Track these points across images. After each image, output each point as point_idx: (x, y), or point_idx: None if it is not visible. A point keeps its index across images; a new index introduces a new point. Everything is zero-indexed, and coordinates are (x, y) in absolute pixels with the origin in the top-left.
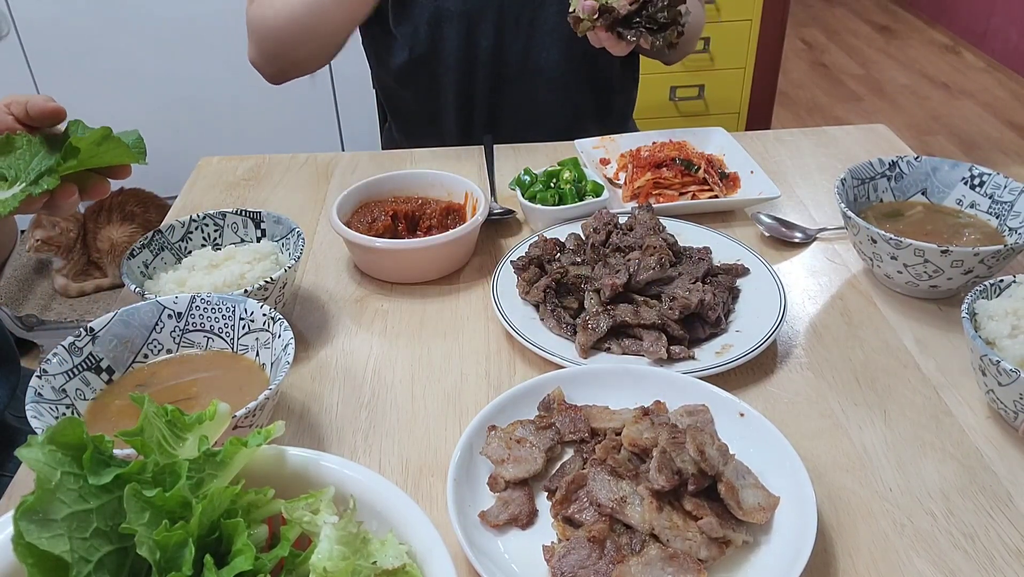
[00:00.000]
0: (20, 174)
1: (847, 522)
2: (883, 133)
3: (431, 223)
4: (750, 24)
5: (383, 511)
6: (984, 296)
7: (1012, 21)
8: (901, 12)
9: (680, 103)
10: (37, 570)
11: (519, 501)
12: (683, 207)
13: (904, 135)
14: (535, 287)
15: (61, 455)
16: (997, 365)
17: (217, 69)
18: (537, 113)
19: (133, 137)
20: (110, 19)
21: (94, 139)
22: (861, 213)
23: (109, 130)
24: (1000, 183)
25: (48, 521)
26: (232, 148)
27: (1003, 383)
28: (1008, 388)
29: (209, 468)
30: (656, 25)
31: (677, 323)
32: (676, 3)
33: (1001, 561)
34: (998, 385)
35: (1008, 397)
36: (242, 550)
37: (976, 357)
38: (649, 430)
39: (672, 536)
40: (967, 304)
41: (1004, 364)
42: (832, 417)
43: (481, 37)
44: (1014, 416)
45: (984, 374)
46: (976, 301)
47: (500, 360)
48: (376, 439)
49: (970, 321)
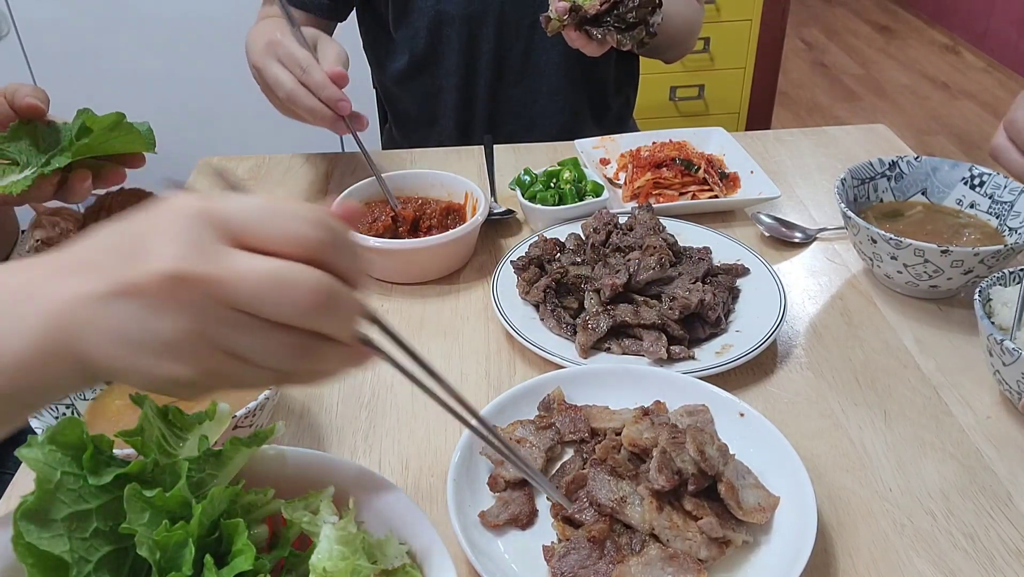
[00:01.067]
0: (32, 159)
1: (847, 522)
2: (883, 133)
3: (431, 223)
4: (750, 24)
5: (383, 511)
6: (1001, 283)
7: (1012, 21)
8: (901, 12)
9: (680, 103)
10: (37, 570)
11: (519, 501)
12: (683, 207)
13: (904, 135)
14: (535, 287)
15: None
16: (1001, 344)
17: (217, 69)
18: (536, 115)
19: (143, 128)
20: (110, 19)
21: (107, 123)
22: (861, 213)
23: (122, 115)
24: (1000, 183)
25: (48, 521)
26: (232, 148)
27: (1007, 363)
28: (1011, 368)
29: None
30: (625, 24)
31: (677, 323)
32: (646, 4)
33: (1001, 561)
34: (1003, 365)
35: (1011, 377)
36: (242, 550)
37: (984, 338)
38: (649, 430)
39: (672, 536)
40: (981, 288)
41: (1007, 344)
42: (832, 417)
43: (482, 40)
44: (1018, 397)
45: (991, 355)
46: (992, 287)
47: (500, 360)
48: (376, 439)
49: (982, 305)
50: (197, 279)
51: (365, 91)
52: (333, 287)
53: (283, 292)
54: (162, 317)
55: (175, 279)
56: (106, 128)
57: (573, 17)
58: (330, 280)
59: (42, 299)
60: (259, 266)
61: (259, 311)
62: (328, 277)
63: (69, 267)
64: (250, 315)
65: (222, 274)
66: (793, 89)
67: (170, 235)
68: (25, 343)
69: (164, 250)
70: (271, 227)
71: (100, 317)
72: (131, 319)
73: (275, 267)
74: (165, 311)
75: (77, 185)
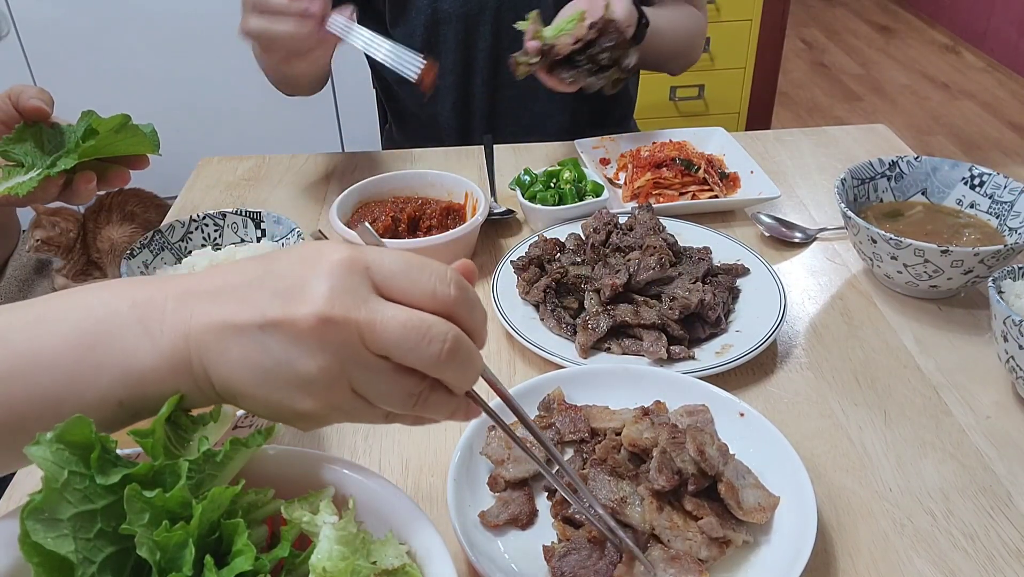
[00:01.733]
0: (37, 160)
1: (847, 522)
2: (883, 133)
3: (431, 223)
4: (750, 24)
5: (383, 511)
6: (1011, 276)
7: (1012, 21)
8: (901, 12)
9: (680, 103)
10: (43, 569)
11: (519, 501)
12: (683, 207)
13: (904, 135)
14: (535, 287)
15: (69, 454)
16: (1019, 326)
17: (217, 69)
18: (536, 115)
19: (148, 129)
20: (110, 19)
21: (113, 125)
22: (861, 213)
23: (128, 118)
24: (1000, 183)
25: (54, 521)
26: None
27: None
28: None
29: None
30: (597, 66)
31: (677, 323)
32: (620, 47)
33: (1001, 561)
34: (1019, 349)
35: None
36: (242, 550)
37: (999, 322)
38: (649, 430)
39: (672, 536)
40: (994, 278)
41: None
42: (832, 417)
43: (478, 39)
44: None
45: (1006, 340)
46: (1003, 280)
47: (500, 360)
48: (376, 439)
49: (996, 292)
50: (347, 322)
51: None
52: (464, 341)
53: (422, 341)
54: (308, 353)
55: (327, 320)
56: (112, 130)
57: (543, 60)
58: (462, 334)
59: (177, 320)
60: (402, 315)
61: (398, 357)
62: (459, 331)
63: (207, 293)
64: (386, 359)
65: (370, 319)
66: (793, 89)
67: (325, 279)
68: (155, 359)
69: (319, 291)
70: (413, 281)
71: (244, 345)
72: (277, 351)
73: (418, 317)
74: (312, 348)
75: (82, 187)
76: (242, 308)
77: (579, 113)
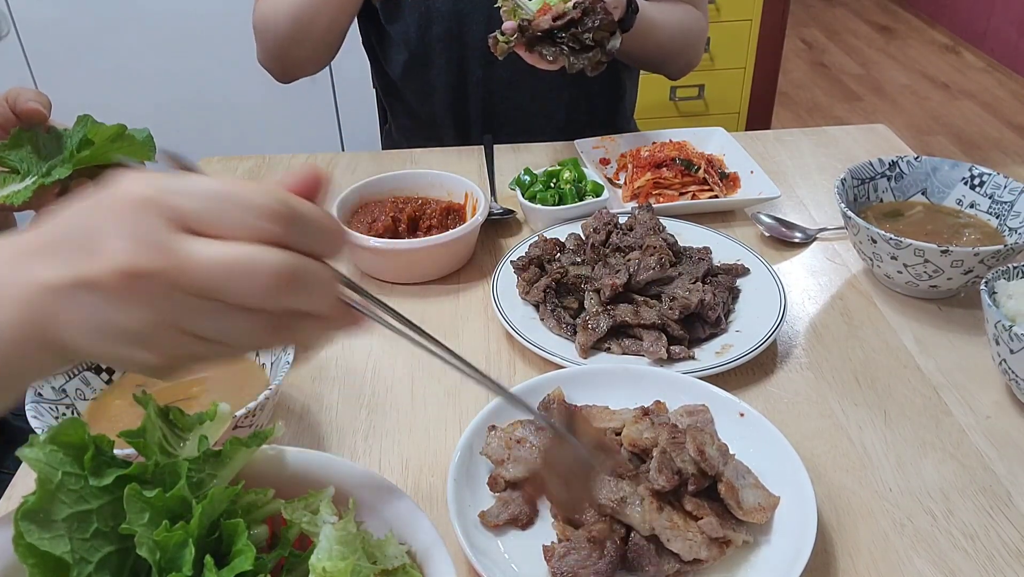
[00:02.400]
0: (32, 167)
1: (847, 522)
2: (883, 133)
3: (431, 223)
4: (750, 24)
5: (383, 511)
6: (1005, 276)
7: (1012, 21)
8: (901, 12)
9: (680, 103)
10: (38, 570)
11: (519, 501)
12: (683, 207)
13: (904, 135)
14: (535, 287)
15: (63, 455)
16: (1010, 330)
17: (217, 69)
18: (534, 115)
19: (144, 135)
20: (110, 19)
21: (109, 135)
22: (861, 213)
23: (124, 128)
24: (1000, 183)
25: (49, 522)
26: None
27: (1014, 350)
28: (1019, 355)
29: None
30: (580, 45)
31: (677, 323)
32: (607, 29)
33: (1001, 561)
34: (1010, 353)
35: (1018, 365)
36: (242, 550)
37: (991, 325)
38: (649, 430)
39: (672, 536)
40: (987, 280)
41: (1016, 329)
42: (832, 417)
43: (472, 37)
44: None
45: (998, 343)
46: (996, 280)
47: (500, 360)
48: (376, 439)
49: (988, 294)
50: (151, 273)
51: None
52: (296, 267)
53: (242, 278)
54: (123, 311)
55: (129, 275)
56: (108, 139)
57: (520, 37)
58: (292, 259)
59: (12, 286)
60: (214, 253)
61: (225, 296)
62: (290, 256)
63: (32, 250)
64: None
65: (176, 264)
66: (793, 89)
67: (119, 228)
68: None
69: (114, 244)
70: (223, 216)
71: (67, 307)
72: (95, 311)
73: (231, 253)
74: (125, 305)
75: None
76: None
77: (578, 113)
